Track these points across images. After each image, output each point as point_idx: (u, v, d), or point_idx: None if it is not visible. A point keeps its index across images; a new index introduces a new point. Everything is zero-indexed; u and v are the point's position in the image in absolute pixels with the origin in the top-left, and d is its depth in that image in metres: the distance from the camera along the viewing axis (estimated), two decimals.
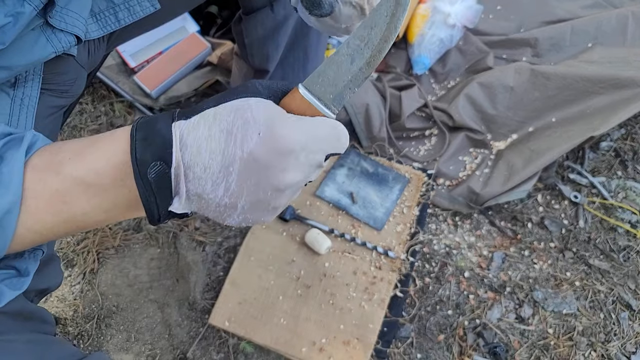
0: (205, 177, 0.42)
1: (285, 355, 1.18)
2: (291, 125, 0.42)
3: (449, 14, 1.48)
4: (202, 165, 0.42)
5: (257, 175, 0.42)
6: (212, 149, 0.42)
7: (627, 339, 1.22)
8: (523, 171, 1.32)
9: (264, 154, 0.41)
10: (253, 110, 0.42)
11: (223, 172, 0.42)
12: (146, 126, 0.44)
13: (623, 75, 1.34)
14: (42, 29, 0.64)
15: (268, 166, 0.42)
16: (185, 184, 0.43)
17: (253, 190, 0.43)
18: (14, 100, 0.66)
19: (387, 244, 1.29)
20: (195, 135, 0.42)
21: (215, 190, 0.43)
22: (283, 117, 0.43)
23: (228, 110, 0.43)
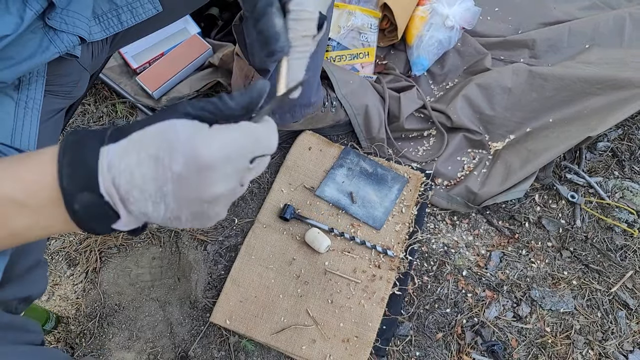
0: (145, 199, 0.44)
1: (285, 353, 1.19)
2: (211, 142, 0.43)
3: (447, 16, 1.49)
4: (138, 189, 0.43)
5: (189, 192, 0.44)
6: (143, 173, 0.43)
7: (624, 338, 1.23)
8: (520, 171, 1.33)
9: (191, 174, 0.43)
10: (177, 132, 0.43)
11: (159, 194, 0.44)
12: (73, 150, 0.44)
13: (620, 76, 1.36)
14: (44, 31, 0.65)
15: (196, 184, 0.43)
16: (127, 207, 0.44)
17: (189, 205, 0.45)
18: (18, 104, 0.67)
19: (386, 243, 1.30)
20: (126, 161, 0.43)
21: (157, 210, 0.44)
22: (205, 134, 0.43)
23: (153, 134, 0.43)
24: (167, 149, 0.42)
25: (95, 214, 0.44)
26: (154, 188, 0.43)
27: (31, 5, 0.60)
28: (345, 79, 1.40)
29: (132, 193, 0.43)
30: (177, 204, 0.44)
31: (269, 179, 1.41)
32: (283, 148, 1.45)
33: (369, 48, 1.50)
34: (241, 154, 0.45)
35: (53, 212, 0.45)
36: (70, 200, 0.44)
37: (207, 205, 0.45)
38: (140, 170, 0.43)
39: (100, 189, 0.43)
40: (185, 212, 0.45)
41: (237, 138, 0.45)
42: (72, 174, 0.43)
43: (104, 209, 0.44)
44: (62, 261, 1.32)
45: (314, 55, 1.13)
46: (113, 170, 0.43)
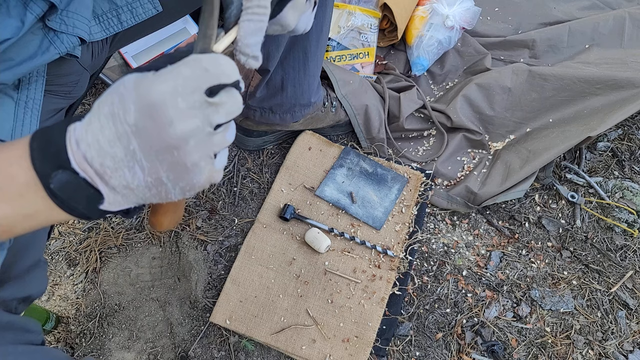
0: (119, 166, 0.42)
1: (285, 352, 1.19)
2: (153, 80, 0.41)
3: (447, 16, 1.49)
4: (110, 157, 0.42)
5: (152, 141, 0.42)
6: (108, 137, 0.41)
7: (624, 338, 1.23)
8: (520, 171, 1.34)
9: (144, 119, 0.41)
10: (125, 84, 0.42)
11: (129, 155, 0.42)
12: (41, 135, 0.44)
13: (620, 76, 1.36)
14: (44, 32, 0.65)
15: (155, 128, 0.41)
16: (107, 182, 0.43)
17: (160, 157, 0.43)
18: (18, 104, 0.67)
19: (386, 243, 1.30)
20: (92, 131, 0.42)
21: (135, 174, 0.43)
22: (149, 77, 0.42)
23: (106, 94, 0.42)
24: (118, 102, 0.41)
25: (75, 194, 0.43)
26: (122, 149, 0.42)
27: (32, 9, 0.60)
28: (345, 79, 1.40)
29: (105, 164, 0.42)
30: (148, 160, 0.42)
31: (269, 179, 1.41)
32: (283, 148, 1.45)
33: (369, 48, 1.50)
34: (190, 85, 0.42)
35: (32, 198, 0.44)
36: (46, 181, 0.43)
37: (177, 152, 0.42)
38: (103, 134, 0.41)
39: (72, 165, 0.42)
40: (161, 169, 0.43)
41: (181, 70, 0.42)
42: (42, 156, 0.43)
43: (84, 187, 0.43)
44: (62, 261, 1.32)
45: (313, 55, 1.14)
46: (82, 145, 0.42)
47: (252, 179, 1.41)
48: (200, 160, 0.44)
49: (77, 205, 0.44)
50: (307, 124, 1.38)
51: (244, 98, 1.26)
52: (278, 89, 1.20)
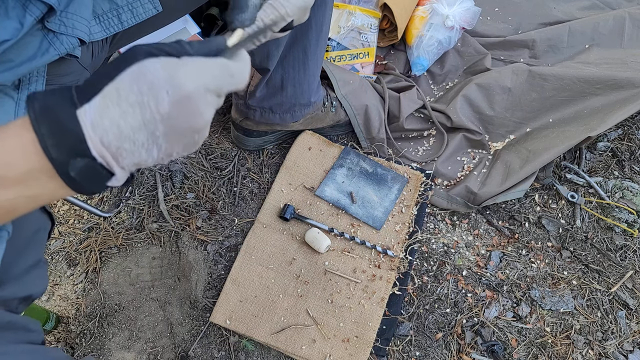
0: (137, 149, 0.44)
1: (285, 352, 1.19)
2: (190, 72, 0.43)
3: (447, 16, 1.49)
4: (129, 141, 0.43)
5: (181, 127, 0.44)
6: (131, 123, 0.42)
7: (624, 338, 1.23)
8: (520, 171, 1.34)
9: (180, 109, 0.43)
10: (153, 71, 0.42)
11: (151, 138, 0.44)
12: (47, 118, 0.42)
13: (620, 76, 1.36)
14: (44, 33, 0.65)
15: (185, 117, 0.44)
16: (120, 162, 0.44)
17: (182, 140, 0.45)
18: (18, 104, 0.67)
19: (386, 243, 1.30)
20: (109, 116, 0.42)
21: (150, 154, 0.45)
22: (180, 67, 0.44)
23: (128, 81, 0.43)
24: (148, 92, 0.42)
25: (90, 177, 0.44)
26: (145, 135, 0.43)
27: (31, 11, 0.60)
28: (345, 79, 1.40)
29: (123, 147, 0.43)
30: (169, 142, 0.45)
31: (269, 179, 1.41)
32: (283, 148, 1.45)
33: (369, 48, 1.50)
34: (216, 84, 0.45)
35: (38, 181, 0.44)
36: (64, 169, 0.43)
37: (197, 135, 0.46)
38: (127, 122, 0.42)
39: (92, 152, 0.43)
40: (177, 148, 0.46)
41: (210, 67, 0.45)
42: (58, 144, 0.42)
43: (99, 170, 0.44)
44: (62, 261, 1.32)
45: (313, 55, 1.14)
46: (98, 129, 0.42)
47: (252, 179, 1.41)
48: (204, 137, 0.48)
49: (88, 185, 0.45)
50: (307, 124, 1.38)
51: (244, 98, 1.26)
52: (278, 88, 1.20)
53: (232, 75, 0.47)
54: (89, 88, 0.43)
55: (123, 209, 1.37)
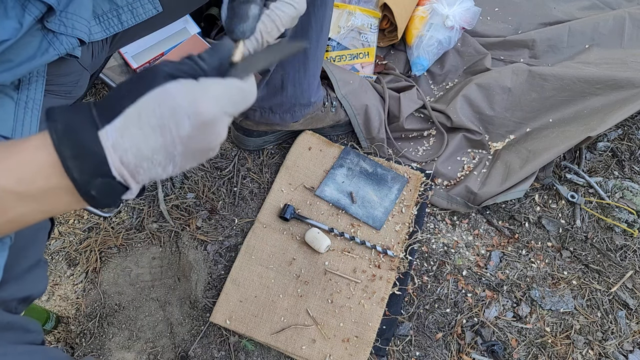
0: (154, 167, 0.46)
1: (285, 352, 1.19)
2: (211, 98, 0.45)
3: (447, 16, 1.49)
4: (148, 161, 0.45)
5: (198, 147, 0.47)
6: (151, 145, 0.44)
7: (624, 338, 1.23)
8: (520, 171, 1.33)
9: (199, 132, 0.45)
10: (175, 96, 0.44)
11: (169, 158, 0.46)
12: (69, 139, 0.44)
13: (620, 76, 1.36)
14: (43, 33, 0.65)
15: (204, 139, 0.46)
16: (136, 178, 0.46)
17: (197, 157, 0.48)
18: (18, 104, 0.67)
19: (386, 242, 1.30)
20: (130, 138, 0.44)
21: (166, 171, 0.47)
22: (200, 90, 0.45)
23: (151, 105, 0.44)
24: (170, 116, 0.44)
25: (109, 194, 0.46)
26: (163, 156, 0.45)
27: (30, 11, 0.60)
28: (345, 79, 1.40)
29: (141, 165, 0.45)
30: (185, 160, 0.47)
31: (269, 179, 1.41)
32: (283, 148, 1.45)
33: (369, 48, 1.50)
34: (233, 108, 0.48)
35: (55, 197, 0.46)
36: (86, 189, 0.45)
37: (211, 152, 0.49)
38: (147, 144, 0.44)
39: (112, 173, 0.45)
40: (191, 163, 0.48)
41: (229, 92, 0.47)
42: (81, 166, 0.44)
43: (117, 187, 0.46)
44: (62, 261, 1.32)
45: (313, 55, 1.14)
46: (118, 150, 0.44)
47: (252, 179, 1.41)
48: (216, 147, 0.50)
49: (105, 200, 0.47)
50: (307, 124, 1.38)
51: None
52: (278, 88, 1.20)
53: (245, 97, 0.49)
54: (110, 108, 0.45)
55: (123, 209, 1.37)
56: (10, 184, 0.44)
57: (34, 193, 0.45)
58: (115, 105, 0.45)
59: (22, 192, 0.45)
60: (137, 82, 0.46)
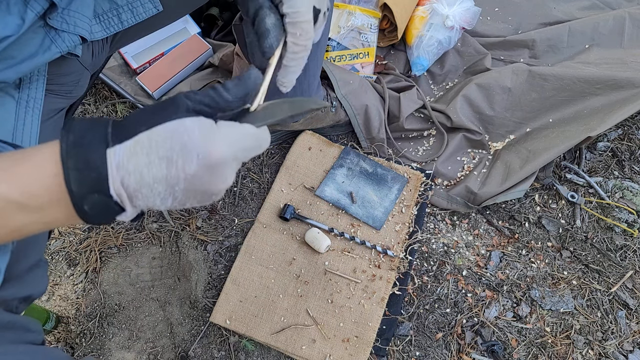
0: (153, 196, 0.45)
1: (285, 352, 1.19)
2: (222, 142, 0.45)
3: (447, 16, 1.49)
4: (148, 188, 0.45)
5: (200, 188, 0.46)
6: (154, 175, 0.44)
7: (624, 338, 1.23)
8: (520, 171, 1.33)
9: (206, 173, 0.45)
10: (189, 133, 0.44)
11: (169, 191, 0.45)
12: (77, 152, 0.44)
13: (620, 76, 1.36)
14: (46, 31, 0.65)
15: (209, 181, 0.46)
16: (134, 202, 0.46)
17: (198, 197, 0.48)
18: (19, 103, 0.67)
19: (386, 242, 1.30)
20: (135, 162, 0.44)
21: (164, 203, 0.47)
22: (215, 134, 0.46)
23: (163, 136, 0.44)
24: (180, 151, 0.44)
25: (102, 211, 0.46)
26: (164, 187, 0.45)
27: (32, 7, 0.60)
28: (345, 79, 1.40)
29: (141, 191, 0.45)
30: (185, 197, 0.47)
31: (269, 179, 1.41)
32: (283, 148, 1.45)
33: (369, 48, 1.50)
34: (245, 154, 0.48)
35: (56, 210, 0.46)
36: (80, 203, 0.45)
37: (214, 196, 0.48)
38: (150, 172, 0.44)
39: (110, 191, 0.44)
40: (192, 202, 0.48)
41: (243, 139, 0.48)
42: (80, 179, 0.44)
43: (112, 207, 0.46)
44: (62, 261, 1.32)
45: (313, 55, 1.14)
46: (121, 170, 0.44)
47: (252, 179, 1.41)
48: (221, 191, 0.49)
49: (99, 219, 0.47)
50: (307, 124, 1.38)
51: None
52: (278, 88, 1.19)
53: (259, 145, 0.50)
54: (125, 130, 0.45)
55: None
56: (14, 194, 0.44)
57: (35, 204, 0.45)
58: (132, 128, 0.45)
59: (24, 202, 0.45)
60: (159, 110, 0.46)
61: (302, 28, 0.62)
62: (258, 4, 0.62)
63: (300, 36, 0.62)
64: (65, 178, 0.44)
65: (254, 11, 0.62)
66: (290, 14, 0.62)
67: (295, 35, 0.62)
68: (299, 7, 0.62)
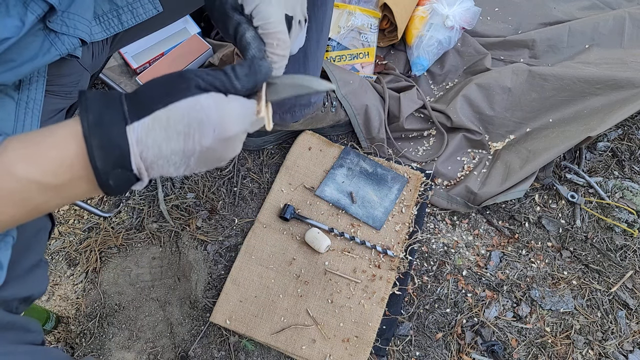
0: (168, 166, 0.50)
1: (285, 352, 1.19)
2: (237, 117, 0.51)
3: (447, 16, 1.49)
4: (164, 159, 0.49)
5: (213, 158, 0.52)
6: (172, 148, 0.48)
7: (624, 338, 1.23)
8: (520, 171, 1.34)
9: (220, 145, 0.50)
10: (205, 110, 0.48)
11: (184, 161, 0.50)
12: (100, 133, 0.47)
13: (620, 76, 1.36)
14: (45, 33, 0.65)
15: (222, 151, 0.51)
16: (150, 173, 0.50)
17: (209, 164, 0.53)
18: (18, 104, 0.67)
19: (386, 242, 1.30)
20: (153, 137, 0.48)
21: (177, 171, 0.51)
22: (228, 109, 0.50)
23: (181, 113, 0.48)
24: (197, 126, 0.48)
25: (123, 184, 0.50)
26: (180, 158, 0.49)
27: (32, 9, 0.60)
28: (345, 79, 1.40)
29: (157, 162, 0.49)
30: (198, 165, 0.52)
31: (269, 179, 1.41)
32: (283, 148, 1.45)
33: (369, 48, 1.50)
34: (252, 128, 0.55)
35: (77, 186, 0.49)
36: (105, 178, 0.48)
37: (223, 162, 0.54)
38: (168, 145, 0.48)
39: (132, 166, 0.48)
40: (202, 168, 0.53)
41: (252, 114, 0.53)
42: (104, 156, 0.47)
43: (131, 179, 0.50)
44: (62, 261, 1.32)
45: (313, 56, 1.14)
46: (141, 145, 0.48)
47: (252, 179, 1.41)
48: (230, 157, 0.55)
49: (118, 189, 0.50)
50: (307, 124, 1.38)
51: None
52: None
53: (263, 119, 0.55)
54: (140, 106, 0.48)
55: (123, 209, 1.37)
56: (35, 174, 0.47)
57: (56, 182, 0.48)
58: (146, 104, 0.48)
59: (46, 182, 0.47)
60: (169, 86, 0.49)
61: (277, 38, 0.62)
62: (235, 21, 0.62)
63: (277, 46, 0.62)
64: (89, 156, 0.47)
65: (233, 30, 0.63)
66: (262, 26, 0.62)
67: (272, 46, 0.62)
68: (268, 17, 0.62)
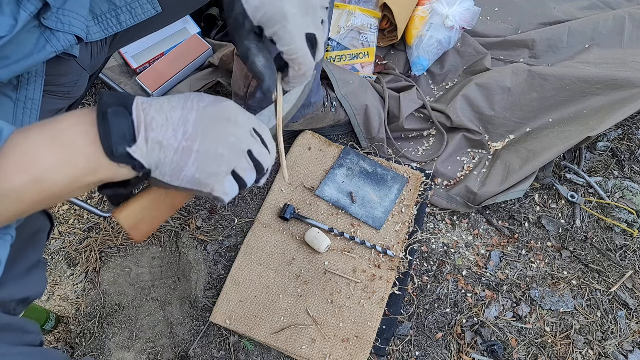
0: (167, 125, 0.52)
1: (285, 352, 1.19)
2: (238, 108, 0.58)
3: (447, 16, 1.49)
4: (164, 116, 0.53)
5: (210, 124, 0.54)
6: (173, 105, 0.54)
7: (624, 338, 1.23)
8: (520, 171, 1.33)
9: (216, 112, 0.55)
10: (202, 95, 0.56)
11: (182, 120, 0.53)
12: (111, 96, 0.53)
13: (620, 76, 1.36)
14: (40, 31, 0.65)
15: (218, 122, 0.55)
16: (148, 133, 0.52)
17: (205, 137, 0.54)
18: (17, 104, 0.67)
19: (386, 242, 1.30)
20: (157, 101, 0.53)
21: (176, 135, 0.53)
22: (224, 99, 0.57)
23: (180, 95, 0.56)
24: (196, 97, 0.55)
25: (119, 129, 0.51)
26: (179, 116, 0.53)
27: (25, 7, 0.60)
28: (345, 79, 1.40)
29: (157, 119, 0.52)
30: (195, 130, 0.53)
31: (269, 179, 1.41)
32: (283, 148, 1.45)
33: (369, 48, 1.50)
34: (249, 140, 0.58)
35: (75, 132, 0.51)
36: (104, 108, 0.51)
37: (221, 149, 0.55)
38: (170, 104, 0.54)
39: (132, 107, 0.51)
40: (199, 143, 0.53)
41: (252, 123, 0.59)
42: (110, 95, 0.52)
43: (127, 128, 0.51)
44: (62, 261, 1.32)
45: None
46: (145, 104, 0.52)
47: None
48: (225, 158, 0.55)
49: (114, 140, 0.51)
50: (307, 124, 1.38)
51: (244, 98, 1.26)
52: None
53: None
54: None
55: None
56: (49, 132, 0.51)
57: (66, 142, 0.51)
58: None
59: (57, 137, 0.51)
60: None
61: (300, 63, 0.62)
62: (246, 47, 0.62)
63: (300, 69, 0.63)
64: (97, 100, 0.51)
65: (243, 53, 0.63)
66: (286, 52, 0.62)
67: (295, 70, 0.63)
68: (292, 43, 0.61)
